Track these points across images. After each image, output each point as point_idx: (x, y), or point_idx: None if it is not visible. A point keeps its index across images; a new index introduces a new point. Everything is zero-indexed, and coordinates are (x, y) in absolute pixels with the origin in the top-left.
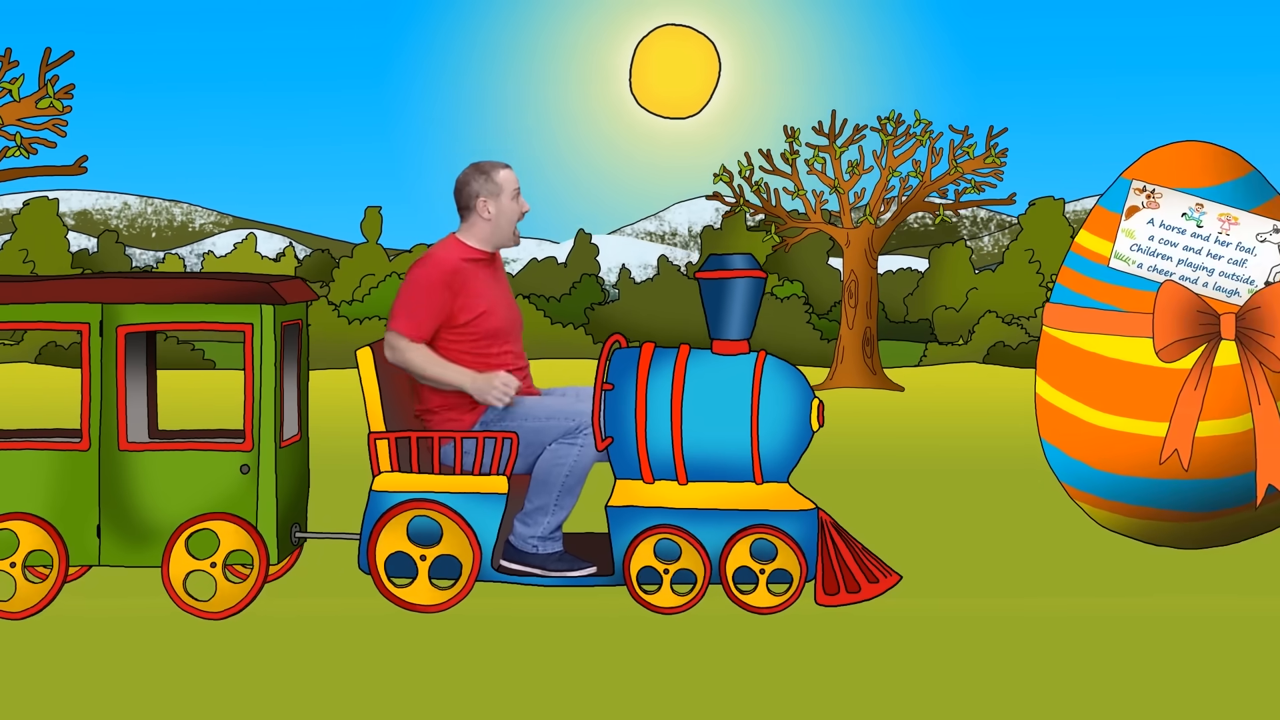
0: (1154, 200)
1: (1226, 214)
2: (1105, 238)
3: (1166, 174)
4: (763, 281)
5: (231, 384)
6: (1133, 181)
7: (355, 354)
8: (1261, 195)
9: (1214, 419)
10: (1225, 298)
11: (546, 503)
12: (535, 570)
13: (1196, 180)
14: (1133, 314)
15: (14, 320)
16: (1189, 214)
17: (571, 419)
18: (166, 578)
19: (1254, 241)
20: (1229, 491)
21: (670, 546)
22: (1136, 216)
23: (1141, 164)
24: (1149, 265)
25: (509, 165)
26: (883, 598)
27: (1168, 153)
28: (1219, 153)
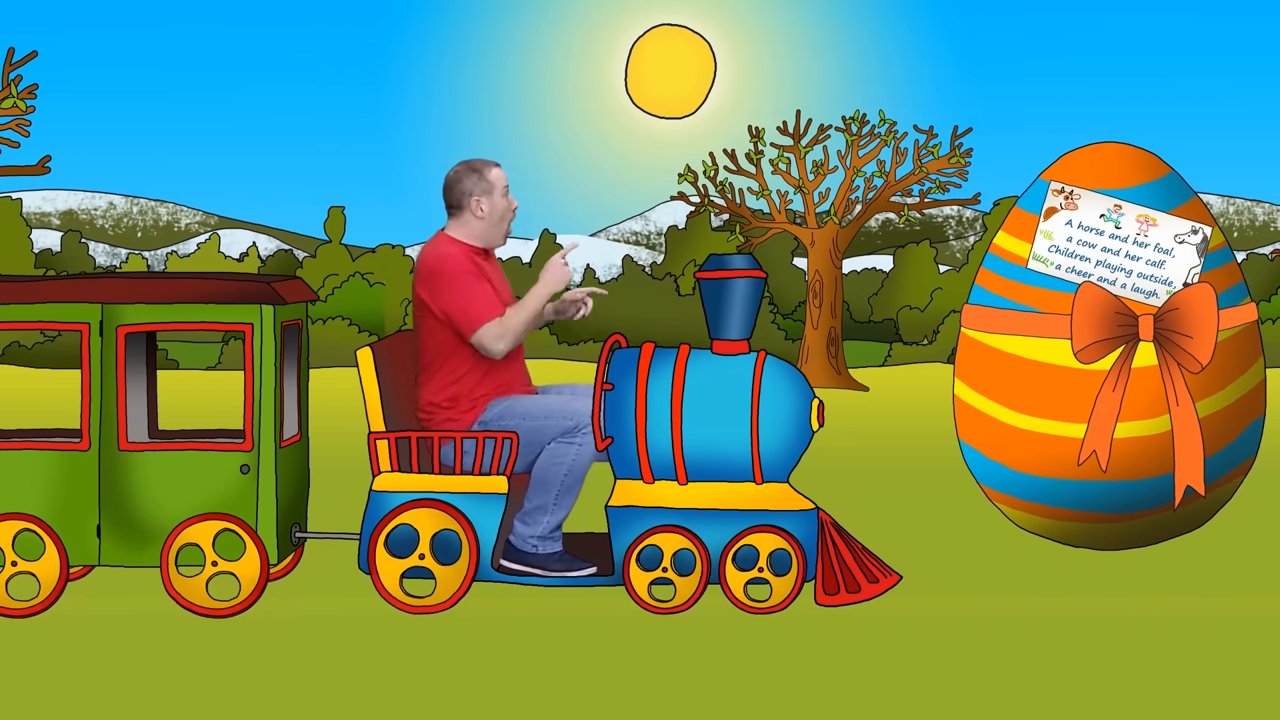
0: (1072, 201)
1: (1145, 215)
2: (1023, 239)
3: (1085, 175)
4: (763, 281)
5: (231, 384)
6: (1051, 183)
7: (355, 354)
8: (1180, 197)
9: (1132, 420)
10: (1143, 299)
11: (545, 502)
12: (535, 570)
13: (1115, 181)
14: (1051, 315)
15: (14, 320)
16: (1107, 215)
17: (569, 418)
18: (166, 577)
19: (1172, 243)
20: (1147, 493)
21: (671, 547)
22: (1055, 218)
23: (1060, 165)
24: (1067, 266)
25: (499, 164)
26: (883, 598)
27: (1086, 154)
28: (1137, 154)
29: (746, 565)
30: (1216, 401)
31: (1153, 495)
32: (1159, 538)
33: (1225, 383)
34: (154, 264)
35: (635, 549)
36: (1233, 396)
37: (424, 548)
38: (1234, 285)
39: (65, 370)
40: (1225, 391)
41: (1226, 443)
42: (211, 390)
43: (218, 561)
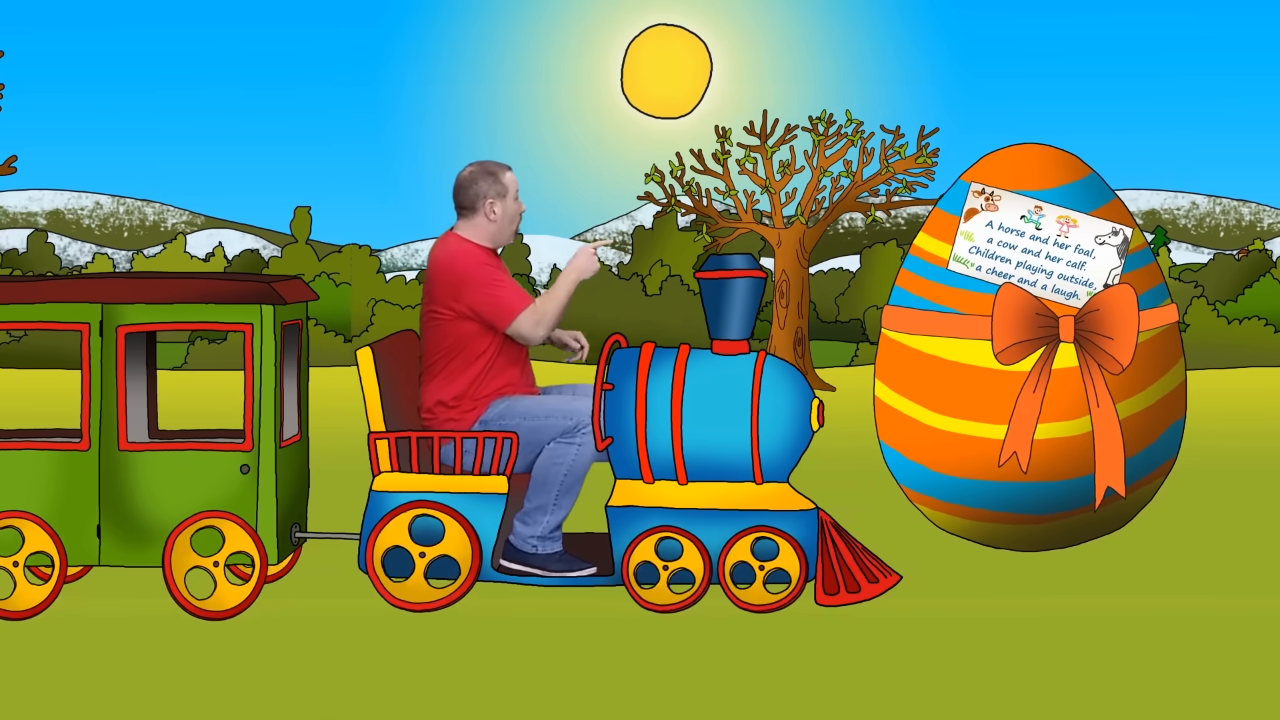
0: (993, 203)
1: (1065, 216)
2: (944, 240)
3: (1005, 176)
4: (763, 281)
5: (199, 384)
6: (971, 184)
7: (355, 354)
8: (1100, 198)
9: (1052, 421)
10: (1064, 300)
11: (545, 502)
12: (535, 570)
13: (1035, 183)
14: (971, 316)
15: (14, 320)
16: (1028, 216)
17: (569, 417)
18: (168, 577)
19: (1093, 244)
20: (1067, 494)
21: (671, 545)
22: (975, 219)
23: (980, 166)
24: (988, 268)
25: (510, 166)
26: (883, 598)
27: (1007, 155)
28: (1058, 155)
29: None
30: (1137, 403)
31: (1073, 496)
32: (1080, 539)
33: (1146, 384)
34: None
35: (639, 543)
36: (1153, 398)
37: (416, 549)
38: (1155, 286)
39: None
40: (1146, 393)
41: (1147, 444)
42: (178, 390)
43: (218, 561)
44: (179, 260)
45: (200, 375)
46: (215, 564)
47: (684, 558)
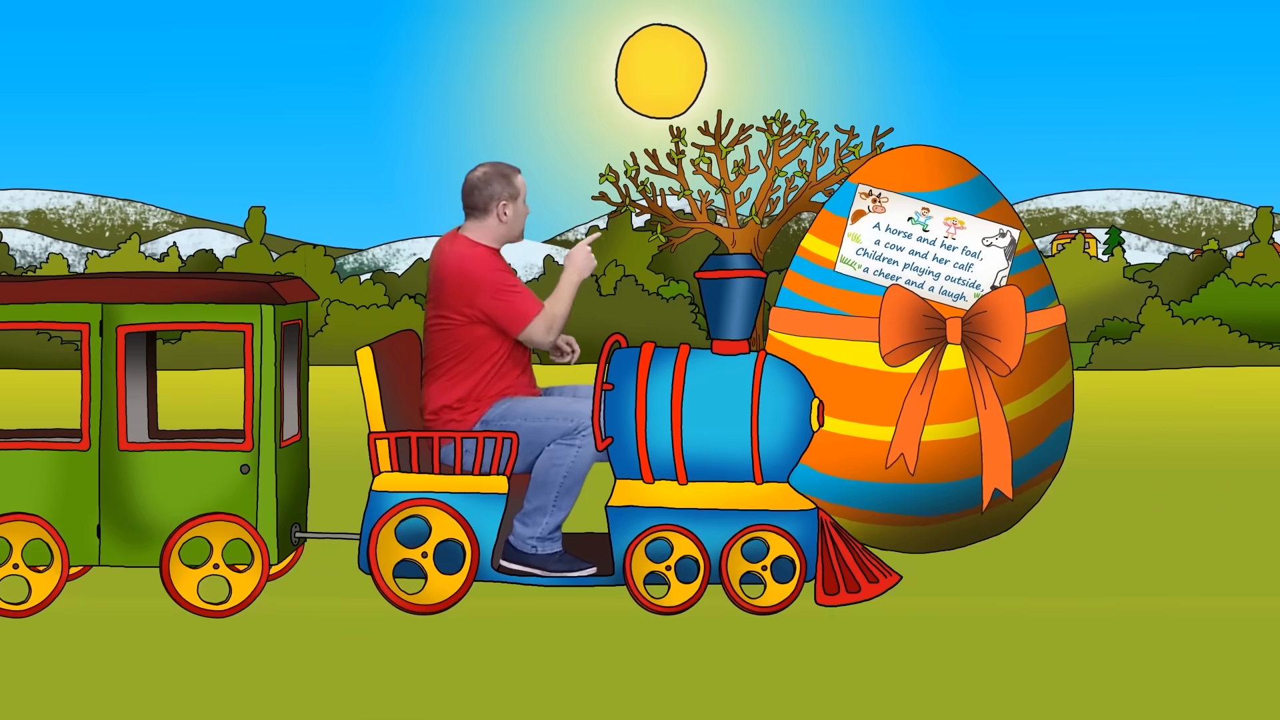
0: (880, 204)
1: (953, 218)
2: (831, 242)
3: (893, 178)
4: (763, 281)
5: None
6: (859, 185)
7: (355, 354)
8: (987, 199)
9: (940, 423)
10: (951, 302)
11: (545, 503)
12: (535, 570)
13: (923, 184)
14: (858, 318)
15: (14, 320)
16: (915, 218)
17: (570, 419)
18: (166, 577)
19: (980, 246)
20: (955, 496)
21: (665, 547)
22: (862, 220)
23: (868, 168)
24: (875, 269)
25: (520, 169)
26: (883, 598)
27: (894, 157)
28: (945, 157)
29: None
30: (1024, 404)
31: (961, 498)
32: (967, 540)
33: (1033, 385)
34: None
35: (639, 543)
36: (1041, 399)
37: (428, 547)
38: (1042, 288)
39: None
40: (1033, 394)
41: (1034, 445)
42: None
43: (219, 564)
44: (133, 259)
45: (201, 375)
46: (215, 565)
47: (682, 556)
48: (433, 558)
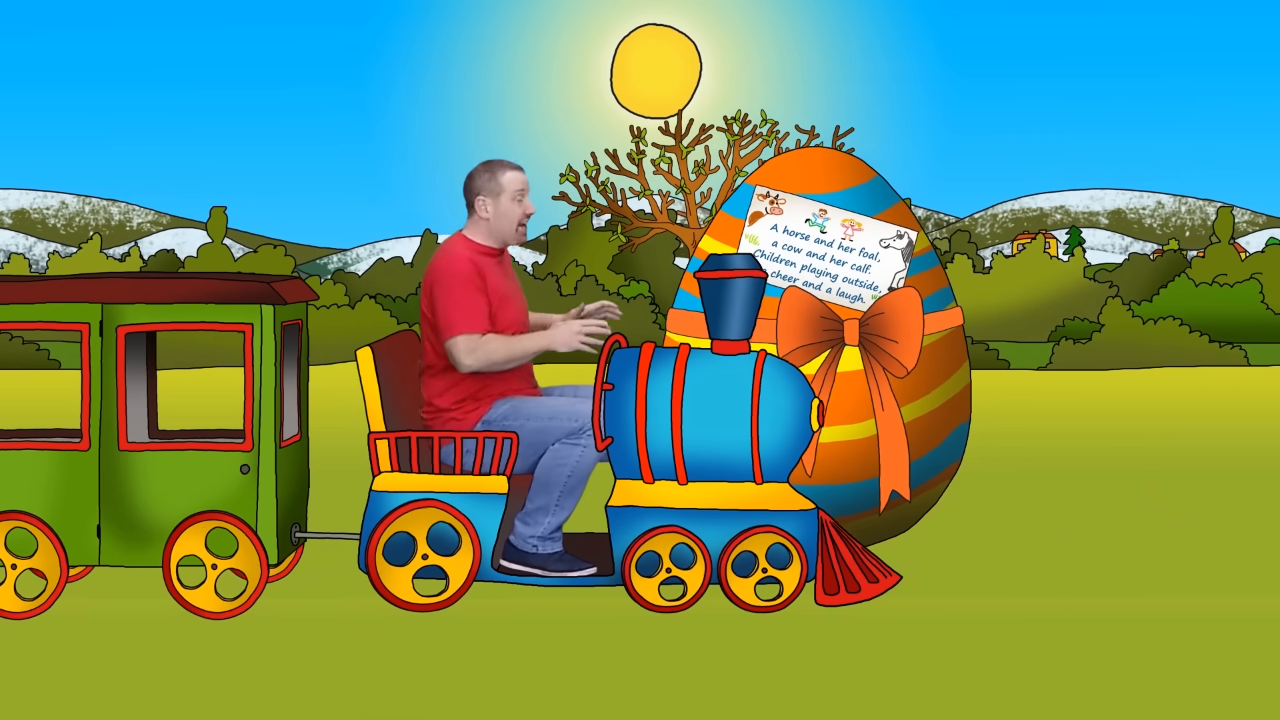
0: (777, 206)
1: (850, 220)
2: (729, 244)
3: (790, 180)
4: (763, 281)
5: (231, 383)
6: (756, 187)
7: (355, 354)
8: (885, 201)
9: (838, 425)
10: (849, 304)
11: (548, 503)
12: (535, 570)
13: (820, 186)
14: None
15: (14, 320)
16: (812, 220)
17: (574, 419)
18: (167, 577)
19: (877, 247)
20: (853, 497)
21: (682, 551)
22: (760, 222)
23: (765, 169)
24: (772, 271)
25: (519, 167)
26: (883, 598)
27: (792, 158)
28: (842, 158)
29: (747, 571)
30: (922, 406)
31: (858, 499)
32: (865, 542)
33: (930, 387)
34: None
35: (634, 555)
36: (938, 401)
37: (424, 548)
38: (940, 289)
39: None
40: (930, 396)
41: (932, 447)
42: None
43: (217, 564)
44: (95, 261)
45: (200, 375)
46: (214, 565)
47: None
48: (431, 550)
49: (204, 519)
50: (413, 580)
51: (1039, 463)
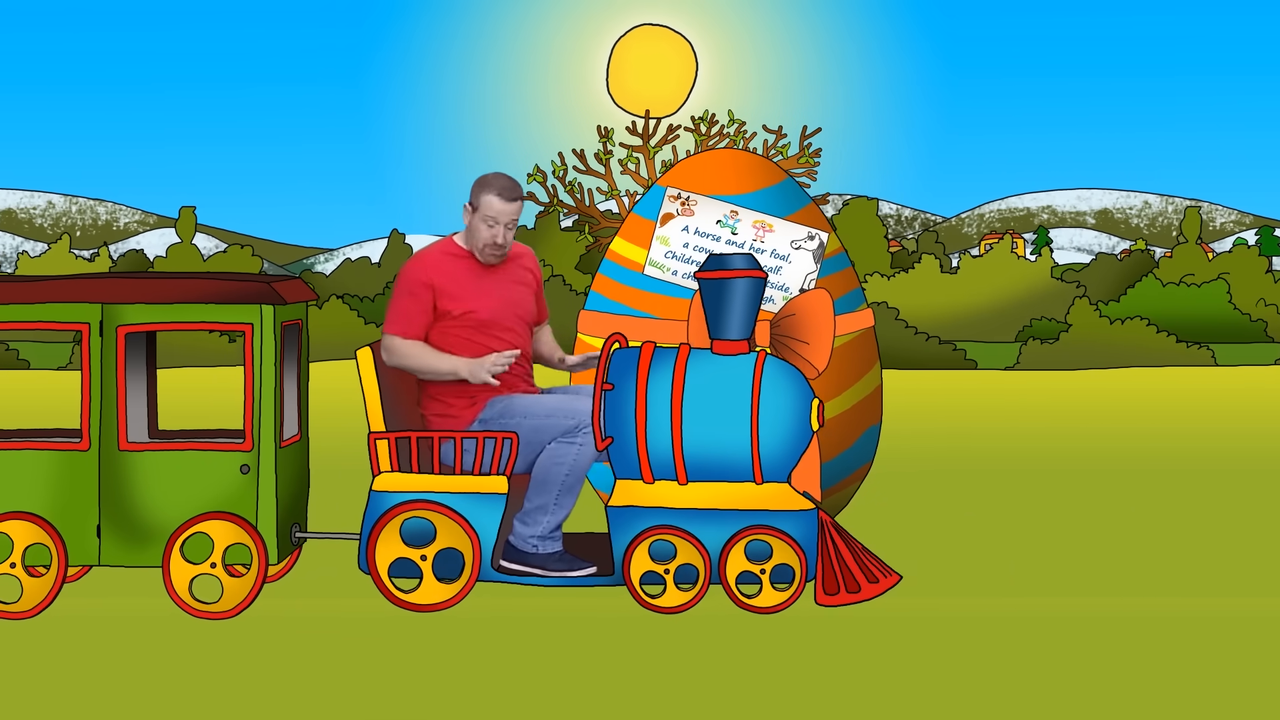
0: (689, 207)
1: (761, 221)
2: (640, 245)
3: (701, 181)
4: (763, 282)
5: (231, 383)
6: (668, 189)
7: (355, 354)
8: (796, 203)
9: None
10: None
11: (546, 502)
12: (535, 570)
13: (731, 187)
14: (667, 321)
15: (14, 320)
16: (724, 221)
17: (571, 417)
18: (167, 577)
19: (788, 249)
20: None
21: (667, 547)
22: (671, 223)
23: (677, 171)
24: (684, 272)
25: (515, 196)
26: (883, 598)
27: (703, 160)
28: (754, 160)
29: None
30: (832, 407)
31: None
32: None
33: (841, 388)
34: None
35: (638, 544)
36: (849, 402)
37: (429, 551)
38: (851, 291)
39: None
40: (841, 397)
41: (843, 449)
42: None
43: (216, 562)
44: (63, 260)
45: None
46: (214, 565)
47: (683, 557)
48: (431, 562)
49: (203, 520)
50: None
51: (1008, 463)
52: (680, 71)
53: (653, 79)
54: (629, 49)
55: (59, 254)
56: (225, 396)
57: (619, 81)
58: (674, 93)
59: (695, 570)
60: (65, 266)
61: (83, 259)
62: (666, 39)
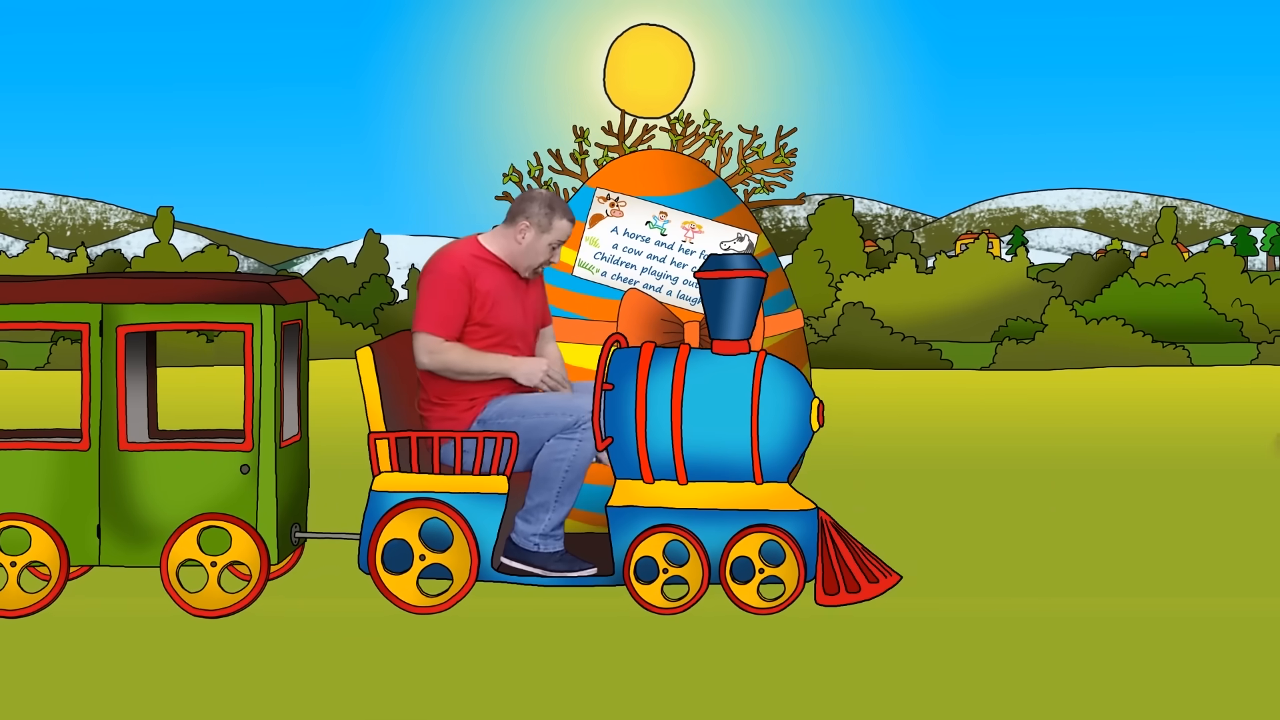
0: (618, 208)
1: (691, 222)
2: (570, 246)
3: (631, 182)
4: (763, 281)
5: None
6: (596, 190)
7: (355, 354)
8: (725, 204)
9: None
10: (690, 306)
11: (547, 499)
12: (536, 570)
13: (660, 188)
14: (596, 322)
15: (14, 320)
16: (653, 222)
17: (569, 414)
18: (166, 577)
19: (718, 249)
20: None
21: (676, 549)
22: (600, 225)
23: (606, 172)
24: (613, 273)
25: (576, 220)
26: (883, 598)
27: (633, 161)
28: (683, 161)
29: (746, 576)
30: None
31: None
32: None
33: None
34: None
35: (632, 557)
36: None
37: (420, 549)
38: (780, 292)
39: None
40: None
41: None
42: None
43: (216, 562)
44: (41, 259)
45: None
46: (214, 564)
47: (685, 564)
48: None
49: (203, 520)
50: (417, 581)
51: (984, 464)
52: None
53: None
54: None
55: (36, 253)
56: (225, 396)
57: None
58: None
59: (691, 577)
60: (42, 266)
61: (60, 259)
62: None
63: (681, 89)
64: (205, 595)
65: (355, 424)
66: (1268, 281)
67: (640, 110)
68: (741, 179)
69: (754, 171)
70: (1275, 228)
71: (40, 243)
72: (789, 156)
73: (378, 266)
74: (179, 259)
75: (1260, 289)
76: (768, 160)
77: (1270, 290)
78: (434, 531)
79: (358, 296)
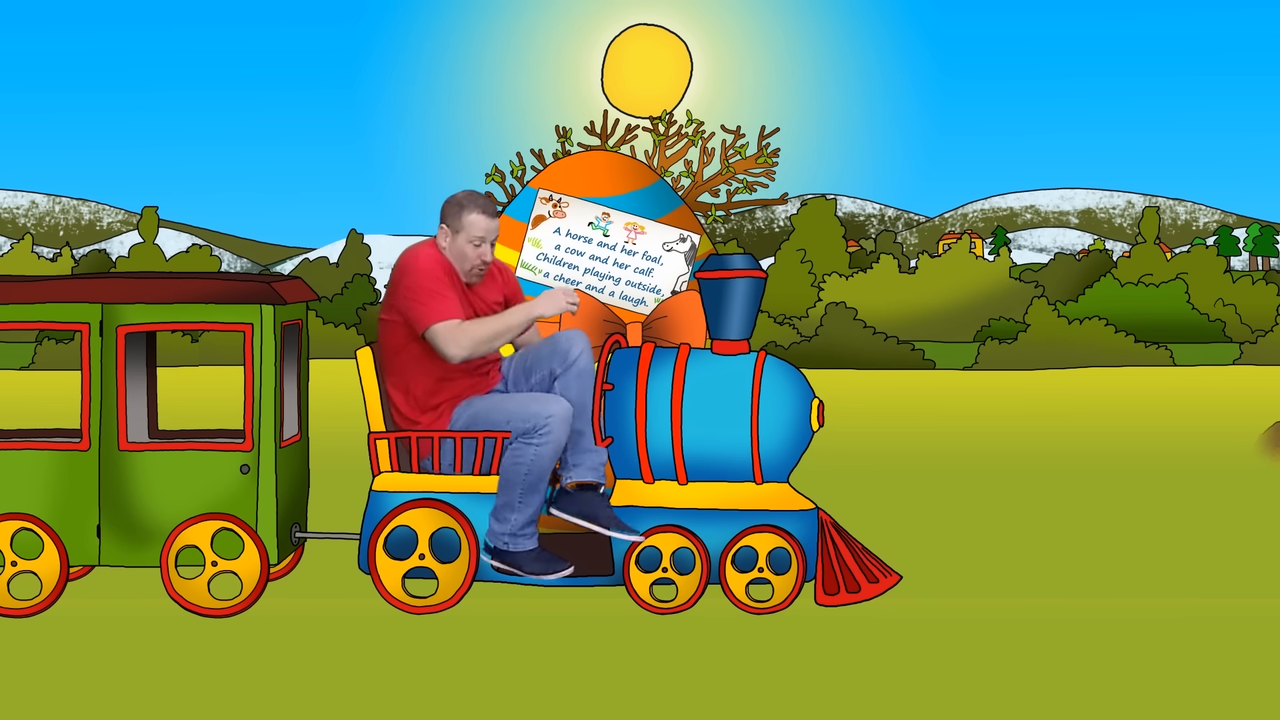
0: (560, 209)
1: (633, 223)
2: (512, 247)
3: (573, 183)
4: (763, 281)
5: (45, 383)
6: (539, 190)
7: (355, 354)
8: (668, 205)
9: None
10: (632, 307)
11: (511, 499)
12: (514, 570)
13: (603, 189)
14: (543, 322)
15: (14, 320)
16: (595, 223)
17: (527, 420)
18: (166, 578)
19: (660, 251)
20: None
21: (684, 555)
22: (543, 225)
23: (549, 173)
24: (555, 274)
25: (496, 211)
26: (883, 598)
27: (575, 161)
28: (626, 162)
29: (747, 566)
30: None
31: None
32: None
33: None
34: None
35: (634, 550)
36: None
37: (424, 548)
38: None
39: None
40: None
41: None
42: (29, 390)
43: (217, 561)
44: (26, 259)
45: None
46: (215, 564)
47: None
48: (431, 555)
49: (203, 520)
50: (403, 579)
51: (967, 463)
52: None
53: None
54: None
55: (21, 253)
56: (225, 396)
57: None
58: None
59: (691, 560)
60: (26, 266)
61: (44, 258)
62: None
63: (680, 89)
64: (205, 595)
65: (350, 424)
66: (1250, 281)
67: (639, 110)
68: (724, 179)
69: (736, 171)
70: (1258, 227)
71: (25, 242)
72: (771, 157)
73: (360, 266)
74: (164, 259)
75: (1243, 289)
76: (750, 160)
77: (1253, 290)
78: (444, 541)
79: (340, 296)
